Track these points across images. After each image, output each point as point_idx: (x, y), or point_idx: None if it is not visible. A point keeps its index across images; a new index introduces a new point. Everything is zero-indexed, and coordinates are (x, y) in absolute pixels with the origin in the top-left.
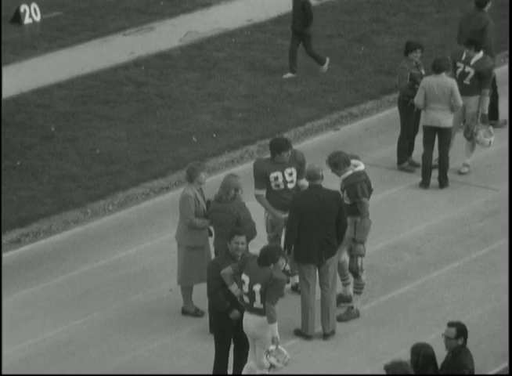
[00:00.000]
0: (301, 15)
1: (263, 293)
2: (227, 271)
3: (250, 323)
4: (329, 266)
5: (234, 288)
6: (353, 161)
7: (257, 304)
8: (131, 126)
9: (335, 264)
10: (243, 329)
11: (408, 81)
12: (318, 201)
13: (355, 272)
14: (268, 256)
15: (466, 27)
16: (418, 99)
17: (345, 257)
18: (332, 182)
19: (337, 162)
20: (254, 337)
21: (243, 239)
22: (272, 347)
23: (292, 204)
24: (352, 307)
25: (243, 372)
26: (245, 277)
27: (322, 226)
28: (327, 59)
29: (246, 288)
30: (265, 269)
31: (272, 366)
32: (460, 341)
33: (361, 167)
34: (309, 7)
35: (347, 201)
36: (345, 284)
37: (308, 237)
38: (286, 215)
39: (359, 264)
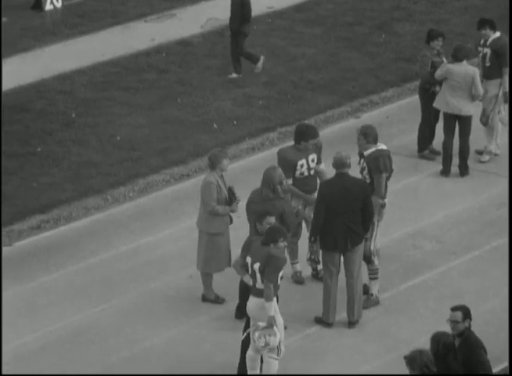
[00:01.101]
0: (239, 13)
1: (262, 271)
2: (237, 261)
3: (251, 304)
4: (354, 254)
5: (247, 279)
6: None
7: (259, 284)
8: (151, 113)
9: (360, 252)
10: None
11: (429, 68)
12: (343, 189)
13: (368, 257)
14: (269, 236)
15: None
16: (438, 75)
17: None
18: (355, 171)
19: (368, 133)
20: (255, 319)
21: (273, 219)
22: (263, 324)
23: (318, 192)
24: (372, 294)
25: (247, 361)
26: (248, 258)
27: (348, 214)
28: (262, 57)
29: (249, 269)
30: (265, 248)
31: (254, 341)
32: (467, 324)
33: (384, 146)
34: (249, 5)
35: (367, 180)
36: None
37: (334, 225)
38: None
39: (372, 248)
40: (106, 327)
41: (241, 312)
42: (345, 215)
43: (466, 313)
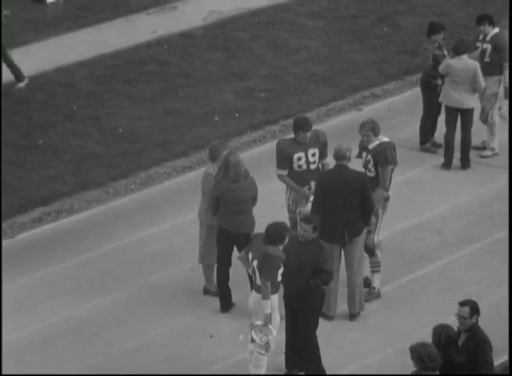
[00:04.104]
0: None
1: (259, 269)
2: (242, 255)
3: (251, 299)
4: (354, 247)
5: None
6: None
7: (258, 281)
8: (153, 105)
9: (361, 245)
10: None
11: (431, 62)
12: (341, 181)
13: (372, 250)
14: (270, 237)
15: None
16: (441, 69)
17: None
18: (358, 164)
19: (376, 128)
20: (254, 313)
21: (310, 227)
22: (259, 322)
23: (316, 183)
24: (374, 287)
25: (248, 354)
26: (250, 255)
27: (345, 206)
28: (26, 80)
29: (250, 265)
30: (263, 246)
31: (252, 340)
32: (474, 319)
33: (386, 138)
34: None
35: (371, 174)
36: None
37: (331, 217)
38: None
39: (376, 240)
40: (109, 319)
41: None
42: (343, 207)
43: (474, 309)
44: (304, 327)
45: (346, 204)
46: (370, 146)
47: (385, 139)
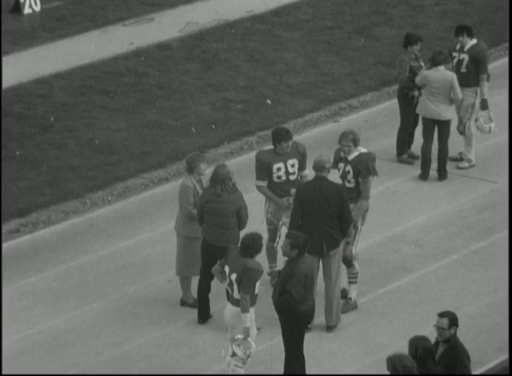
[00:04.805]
0: None
1: (238, 282)
2: (216, 268)
3: (227, 312)
4: (332, 258)
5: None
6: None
7: (236, 294)
8: (130, 117)
9: (339, 257)
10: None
11: (407, 73)
12: (319, 192)
13: (349, 261)
14: (246, 250)
15: None
16: (417, 81)
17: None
18: (334, 174)
19: (357, 139)
20: (230, 326)
21: (287, 242)
22: (240, 336)
23: (295, 194)
24: (350, 298)
25: (225, 365)
26: (226, 268)
27: (324, 218)
28: None
29: (227, 278)
30: (241, 259)
31: (234, 354)
32: (453, 331)
33: (365, 150)
34: None
35: (350, 184)
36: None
37: (310, 228)
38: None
39: (354, 252)
40: (86, 330)
41: (202, 317)
42: (322, 219)
43: (453, 320)
44: (284, 344)
45: (325, 215)
46: (350, 157)
47: (364, 150)
